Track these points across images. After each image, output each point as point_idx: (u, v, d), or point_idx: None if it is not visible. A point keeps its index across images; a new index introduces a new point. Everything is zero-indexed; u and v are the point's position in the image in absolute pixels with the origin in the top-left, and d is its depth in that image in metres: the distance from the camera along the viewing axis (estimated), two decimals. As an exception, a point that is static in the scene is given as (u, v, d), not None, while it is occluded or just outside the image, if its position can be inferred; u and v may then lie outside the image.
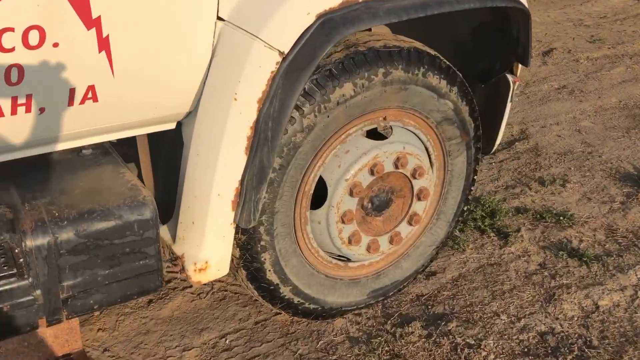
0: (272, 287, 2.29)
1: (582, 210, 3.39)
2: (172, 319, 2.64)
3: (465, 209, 2.72)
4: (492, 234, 3.16)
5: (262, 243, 2.17)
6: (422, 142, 2.42)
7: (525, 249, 3.06)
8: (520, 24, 2.32)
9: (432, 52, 2.27)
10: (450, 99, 2.36)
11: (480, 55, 2.62)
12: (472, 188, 2.69)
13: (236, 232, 2.14)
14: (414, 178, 2.38)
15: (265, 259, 2.21)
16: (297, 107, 2.02)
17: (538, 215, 3.32)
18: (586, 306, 2.66)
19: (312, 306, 2.43)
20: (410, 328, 2.51)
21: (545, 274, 2.87)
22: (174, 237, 2.08)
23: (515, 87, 2.52)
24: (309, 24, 1.83)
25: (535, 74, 5.64)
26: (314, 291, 2.39)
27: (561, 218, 3.26)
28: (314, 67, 1.86)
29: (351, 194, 2.24)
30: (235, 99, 1.84)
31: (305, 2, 1.82)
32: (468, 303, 2.68)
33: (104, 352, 2.48)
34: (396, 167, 2.31)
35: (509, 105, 2.57)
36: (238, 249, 2.17)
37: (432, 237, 2.65)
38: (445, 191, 2.59)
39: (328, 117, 2.08)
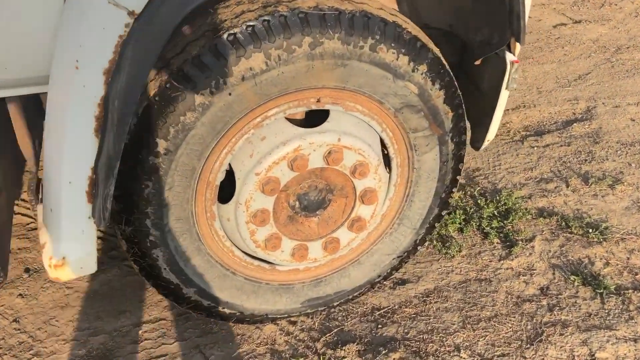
0: (172, 287, 1.94)
1: (625, 222, 2.72)
2: (97, 294, 2.39)
3: (443, 214, 2.20)
4: (495, 240, 2.61)
5: (151, 238, 1.81)
6: (377, 132, 1.92)
7: (530, 264, 2.49)
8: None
9: (390, 19, 1.73)
10: (414, 81, 1.82)
11: (479, 24, 2.03)
12: (453, 190, 2.15)
13: (118, 223, 1.80)
14: (355, 177, 1.90)
15: (157, 256, 1.85)
16: (186, 79, 1.59)
17: (563, 223, 2.70)
18: (578, 356, 2.10)
19: (227, 310, 2.07)
20: (343, 351, 2.09)
21: (543, 303, 2.31)
22: (41, 221, 1.76)
23: (514, 70, 1.92)
24: None
25: (634, 36, 4.72)
26: (227, 295, 2.02)
27: (591, 230, 2.63)
28: (169, 31, 1.41)
29: (264, 191, 1.80)
30: (77, 68, 1.44)
31: None
32: (429, 328, 2.20)
33: (12, 323, 2.27)
34: (327, 162, 1.83)
35: (504, 92, 1.97)
36: (123, 240, 1.83)
37: (391, 244, 2.17)
38: (410, 192, 2.08)
39: (230, 94, 1.64)
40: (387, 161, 2.03)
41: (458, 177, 2.13)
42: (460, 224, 2.67)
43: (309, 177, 1.88)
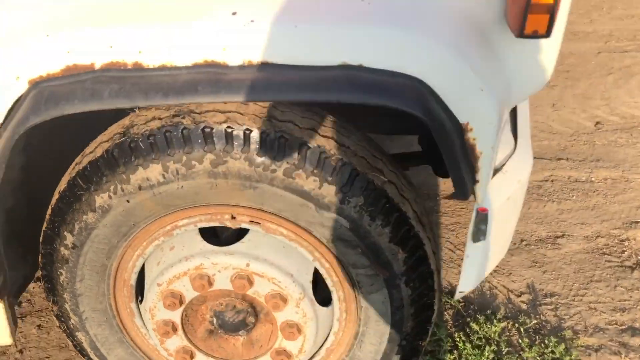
0: (101, 369, 1.93)
1: None
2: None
3: (412, 361, 1.84)
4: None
5: (72, 322, 1.81)
6: (308, 260, 1.67)
7: None
8: (439, 137, 1.33)
9: (314, 142, 1.49)
10: (344, 214, 1.54)
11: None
12: (422, 338, 1.78)
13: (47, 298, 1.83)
14: (271, 308, 1.67)
15: (81, 340, 1.85)
16: (89, 179, 1.56)
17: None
18: None
19: (158, 405, 1.98)
20: None
21: None
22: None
23: (480, 220, 1.52)
24: (21, 92, 1.34)
25: None
26: (156, 390, 1.94)
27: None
28: (11, 143, 1.37)
29: (164, 304, 1.68)
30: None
31: (14, 63, 1.33)
32: None
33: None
34: (233, 287, 1.65)
35: (472, 245, 1.57)
36: (55, 317, 1.87)
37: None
38: (360, 331, 1.77)
39: (128, 201, 1.56)
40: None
41: (428, 326, 1.76)
42: (485, 363, 2.22)
43: (228, 295, 1.72)
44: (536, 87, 1.56)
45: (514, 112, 1.95)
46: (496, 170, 1.67)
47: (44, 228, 1.70)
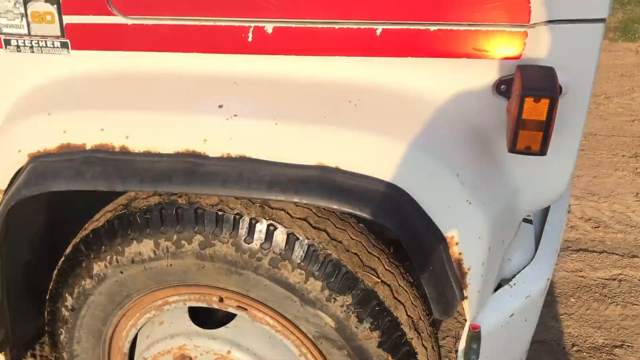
0: None
1: None
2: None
3: None
4: None
5: (69, 381, 1.84)
6: (294, 355, 1.60)
7: None
8: (411, 251, 1.24)
9: (304, 234, 1.45)
10: (329, 313, 1.48)
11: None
12: None
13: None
14: (252, 400, 1.61)
15: (78, 398, 1.87)
16: (89, 247, 1.60)
17: None
18: None
19: None
20: None
21: None
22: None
23: (472, 338, 1.38)
24: (21, 164, 1.40)
25: None
26: None
27: None
28: (4, 212, 1.43)
29: (148, 378, 1.67)
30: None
31: (18, 136, 1.39)
32: None
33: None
34: None
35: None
36: (57, 372, 1.90)
37: None
38: None
39: (122, 273, 1.58)
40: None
41: None
42: None
43: (216, 376, 1.68)
44: (549, 199, 1.44)
45: (544, 216, 1.81)
46: (505, 282, 1.54)
47: (50, 286, 1.75)
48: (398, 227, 1.19)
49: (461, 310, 1.36)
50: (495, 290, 1.52)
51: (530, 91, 1.13)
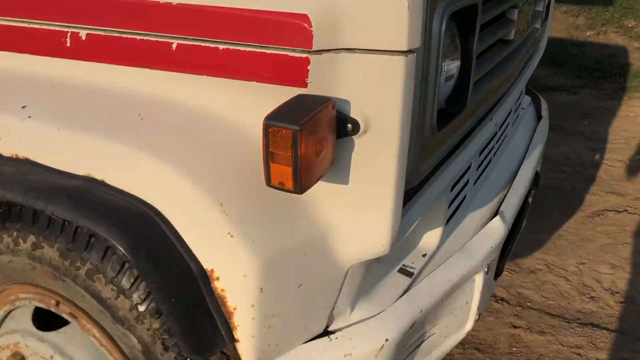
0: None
1: None
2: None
3: None
4: None
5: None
6: (118, 370, 1.55)
7: None
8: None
9: (120, 244, 1.40)
10: (136, 334, 1.41)
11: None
12: None
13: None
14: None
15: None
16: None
17: None
18: None
19: None
20: None
21: None
22: None
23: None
24: None
25: None
26: None
27: None
28: None
29: (-5, 369, 1.69)
30: None
31: None
32: None
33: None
34: None
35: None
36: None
37: None
38: None
39: (-21, 262, 1.63)
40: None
41: None
42: None
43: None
44: (372, 252, 1.28)
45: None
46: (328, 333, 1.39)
47: None
48: (130, 248, 1.11)
49: (235, 354, 1.25)
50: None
51: (274, 121, 1.01)
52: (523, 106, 2.87)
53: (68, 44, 1.29)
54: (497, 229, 1.83)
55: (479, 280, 1.75)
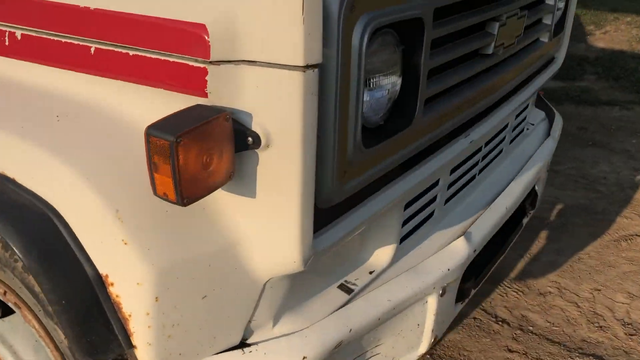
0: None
1: None
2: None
3: None
4: None
5: None
6: (53, 363, 1.58)
7: None
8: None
9: (12, 242, 1.40)
10: (63, 330, 1.43)
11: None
12: None
13: None
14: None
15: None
16: None
17: None
18: None
19: None
20: None
21: None
22: None
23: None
24: None
25: None
26: None
27: None
28: None
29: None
30: None
31: None
32: None
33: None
34: None
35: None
36: None
37: None
38: None
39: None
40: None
41: None
42: None
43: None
44: (285, 268, 1.25)
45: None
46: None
47: None
48: (22, 247, 1.13)
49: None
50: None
51: (154, 130, 1.01)
52: (532, 122, 2.75)
53: (7, 43, 1.33)
54: (459, 250, 1.76)
55: (432, 302, 1.68)
